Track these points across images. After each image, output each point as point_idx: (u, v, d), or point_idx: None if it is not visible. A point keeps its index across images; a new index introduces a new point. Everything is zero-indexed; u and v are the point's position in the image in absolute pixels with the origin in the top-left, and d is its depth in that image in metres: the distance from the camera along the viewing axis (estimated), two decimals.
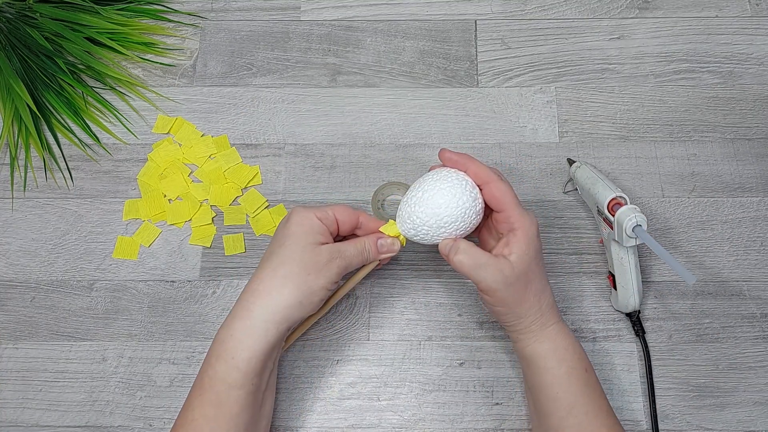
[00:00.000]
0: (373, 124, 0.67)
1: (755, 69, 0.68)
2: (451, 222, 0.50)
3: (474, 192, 0.50)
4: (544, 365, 0.50)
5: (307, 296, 0.49)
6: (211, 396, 0.47)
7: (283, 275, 0.48)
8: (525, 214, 0.50)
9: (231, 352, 0.47)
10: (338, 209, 0.52)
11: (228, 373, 0.47)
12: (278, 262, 0.49)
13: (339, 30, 0.71)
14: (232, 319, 0.48)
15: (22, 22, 0.68)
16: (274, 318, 0.48)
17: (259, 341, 0.47)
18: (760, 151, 0.65)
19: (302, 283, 0.48)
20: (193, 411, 0.47)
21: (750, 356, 0.58)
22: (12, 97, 0.65)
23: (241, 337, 0.47)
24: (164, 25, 0.72)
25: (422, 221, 0.50)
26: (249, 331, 0.48)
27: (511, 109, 0.67)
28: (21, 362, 0.58)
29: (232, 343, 0.47)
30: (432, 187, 0.50)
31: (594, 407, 0.49)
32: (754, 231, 0.62)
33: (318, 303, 0.50)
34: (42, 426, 0.57)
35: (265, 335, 0.48)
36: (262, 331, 0.48)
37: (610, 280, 0.58)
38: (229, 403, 0.47)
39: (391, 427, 0.56)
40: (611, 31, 0.71)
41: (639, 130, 0.66)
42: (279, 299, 0.48)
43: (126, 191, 0.64)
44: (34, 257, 0.62)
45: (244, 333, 0.47)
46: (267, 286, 0.48)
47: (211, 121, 0.67)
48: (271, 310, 0.48)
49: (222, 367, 0.47)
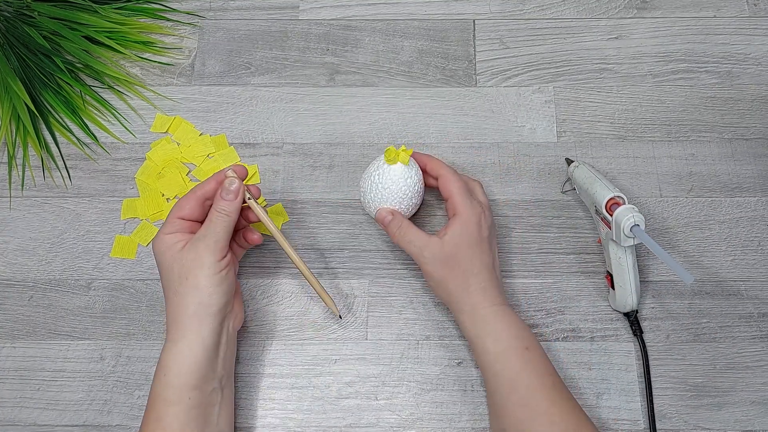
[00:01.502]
0: (372, 123, 0.67)
1: (753, 69, 0.69)
2: (397, 193, 0.56)
3: (419, 175, 0.57)
4: (481, 346, 0.52)
5: (194, 292, 0.50)
6: (152, 413, 0.48)
7: (171, 291, 0.51)
8: (469, 204, 0.55)
9: (164, 369, 0.49)
10: (176, 211, 0.53)
11: (163, 389, 0.49)
12: (164, 284, 0.52)
13: (337, 29, 0.71)
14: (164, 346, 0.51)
15: (20, 21, 0.68)
16: (183, 330, 0.50)
17: (189, 354, 0.49)
18: (757, 151, 0.65)
19: (186, 285, 0.50)
20: (141, 428, 0.49)
21: (747, 356, 0.58)
22: (10, 96, 0.65)
23: (169, 353, 0.49)
24: (162, 24, 0.72)
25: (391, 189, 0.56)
26: (176, 346, 0.49)
27: (510, 109, 0.67)
28: (19, 361, 0.58)
29: (163, 358, 0.50)
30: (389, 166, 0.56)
31: (537, 383, 0.50)
32: (752, 231, 0.62)
33: (225, 278, 0.51)
34: (40, 425, 0.56)
35: (192, 348, 0.49)
36: (189, 346, 0.49)
37: (608, 279, 0.58)
38: (168, 420, 0.48)
39: (389, 426, 0.56)
40: (609, 31, 0.71)
41: (637, 129, 0.66)
42: (180, 308, 0.50)
43: (124, 190, 0.64)
44: (32, 256, 0.62)
45: (172, 347, 0.50)
46: (169, 306, 0.51)
47: (210, 120, 0.67)
48: (172, 321, 0.50)
49: (157, 383, 0.49)
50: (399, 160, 0.56)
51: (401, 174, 0.56)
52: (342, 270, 0.61)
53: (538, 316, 0.59)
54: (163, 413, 0.48)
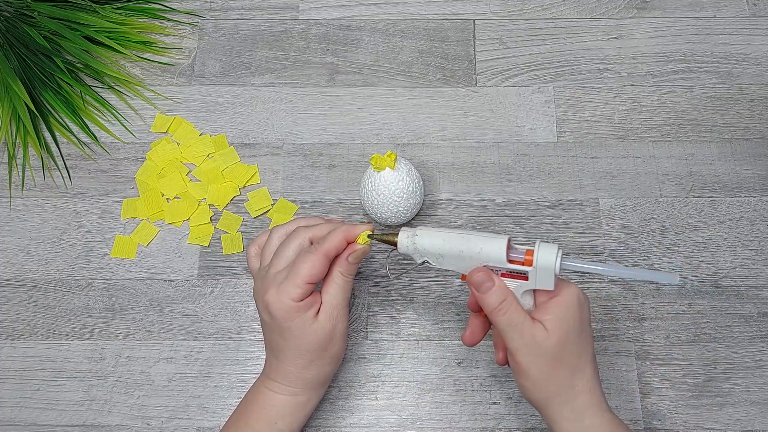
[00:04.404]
0: (372, 123, 0.67)
1: (753, 69, 0.69)
2: (390, 197, 0.56)
3: (412, 175, 0.57)
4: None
5: (336, 360, 0.50)
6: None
7: (305, 363, 0.48)
8: (566, 281, 0.47)
9: (279, 417, 0.49)
10: (306, 274, 0.46)
11: None
12: (294, 354, 0.48)
13: (337, 29, 0.71)
14: (275, 391, 0.49)
15: (21, 21, 0.68)
16: (314, 393, 0.50)
17: (303, 411, 0.50)
18: (757, 151, 0.65)
19: (327, 356, 0.49)
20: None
21: (747, 356, 0.58)
22: (10, 96, 0.65)
23: (286, 408, 0.49)
24: (163, 24, 0.72)
25: (380, 203, 0.57)
26: (293, 402, 0.49)
27: (510, 109, 0.67)
28: (19, 361, 0.58)
29: (275, 411, 0.49)
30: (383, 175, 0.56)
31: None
32: (752, 231, 0.62)
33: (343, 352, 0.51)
34: (40, 425, 0.56)
35: (306, 405, 0.50)
36: (303, 404, 0.50)
37: None
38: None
39: (389, 426, 0.56)
40: (609, 31, 0.71)
41: (637, 129, 0.66)
42: (316, 379, 0.50)
43: (124, 190, 0.64)
44: (32, 256, 0.62)
45: (289, 404, 0.49)
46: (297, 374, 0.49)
47: (210, 120, 0.67)
48: (309, 387, 0.50)
49: (263, 426, 0.49)
50: (386, 165, 0.56)
51: (392, 179, 0.56)
52: None
53: None
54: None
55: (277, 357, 0.49)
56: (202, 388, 0.57)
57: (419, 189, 0.58)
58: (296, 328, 0.47)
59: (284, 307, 0.46)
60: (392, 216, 0.58)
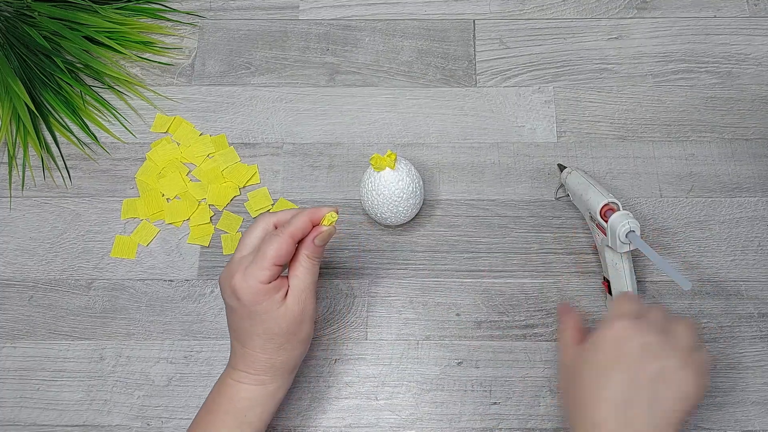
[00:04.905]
0: (371, 123, 0.67)
1: (753, 69, 0.69)
2: (390, 197, 0.56)
3: (412, 175, 0.57)
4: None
5: (305, 342, 0.50)
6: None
7: (275, 347, 0.48)
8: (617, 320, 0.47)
9: (245, 409, 0.48)
10: (273, 255, 0.46)
11: (238, 425, 0.48)
12: (262, 340, 0.48)
13: (337, 29, 0.71)
14: (243, 381, 0.49)
15: (21, 21, 0.68)
16: (284, 379, 0.50)
17: (273, 399, 0.50)
18: (757, 151, 0.65)
19: (296, 340, 0.49)
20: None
21: (748, 356, 0.58)
22: (10, 96, 0.65)
23: (255, 398, 0.49)
24: (163, 24, 0.72)
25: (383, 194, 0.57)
26: (263, 392, 0.49)
27: (510, 109, 0.67)
28: (19, 361, 0.58)
29: (245, 402, 0.49)
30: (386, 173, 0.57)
31: None
32: (752, 231, 0.62)
33: (311, 336, 0.51)
34: (40, 425, 0.56)
35: (276, 392, 0.50)
36: (273, 391, 0.49)
37: (605, 285, 0.58)
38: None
39: (389, 426, 0.56)
40: (609, 31, 0.71)
41: (637, 130, 0.66)
42: (286, 363, 0.49)
43: (124, 190, 0.64)
44: (32, 256, 0.62)
45: (259, 394, 0.49)
46: (267, 360, 0.48)
47: (210, 120, 0.67)
48: (279, 373, 0.49)
49: (231, 418, 0.48)
50: (386, 165, 0.56)
51: (392, 179, 0.56)
52: (342, 270, 0.61)
53: (538, 316, 0.59)
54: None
55: (245, 344, 0.48)
56: (202, 388, 0.57)
57: (419, 189, 0.58)
58: (264, 312, 0.47)
59: (252, 290, 0.46)
60: (392, 216, 0.58)
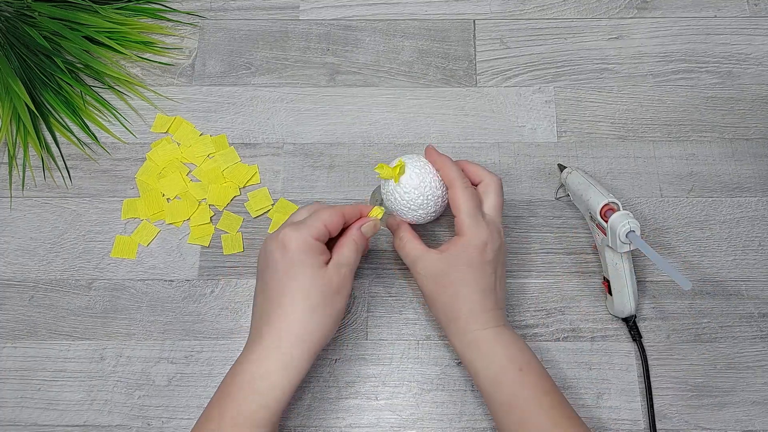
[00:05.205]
0: (372, 123, 0.67)
1: (754, 69, 0.68)
2: (406, 204, 0.54)
3: (426, 183, 0.53)
4: (473, 369, 0.50)
5: (336, 321, 0.49)
6: None
7: (309, 309, 0.47)
8: (474, 225, 0.51)
9: (264, 391, 0.46)
10: (326, 219, 0.50)
11: (257, 408, 0.46)
12: (298, 297, 0.47)
13: (338, 29, 0.71)
14: (265, 359, 0.47)
15: (21, 21, 0.68)
16: (309, 356, 0.48)
17: (295, 379, 0.47)
18: (758, 151, 0.65)
19: (330, 310, 0.48)
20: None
21: (748, 356, 0.58)
22: (10, 96, 0.65)
23: (277, 380, 0.46)
24: (163, 24, 0.72)
25: (397, 201, 0.54)
26: (286, 372, 0.47)
27: (510, 109, 0.67)
28: (19, 361, 0.59)
29: (266, 383, 0.46)
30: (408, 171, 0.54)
31: (534, 404, 0.48)
32: (753, 231, 0.62)
33: (342, 315, 0.50)
34: (40, 425, 0.57)
35: (299, 373, 0.48)
36: (297, 371, 0.47)
37: (605, 285, 0.58)
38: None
39: (390, 426, 0.56)
40: (610, 31, 0.71)
41: (637, 129, 0.66)
42: (315, 335, 0.48)
43: (124, 190, 0.64)
44: (33, 256, 0.62)
45: (282, 375, 0.47)
46: (297, 324, 0.47)
47: (210, 120, 0.67)
48: (306, 347, 0.47)
49: (252, 406, 0.46)
50: (391, 176, 0.53)
51: (404, 187, 0.53)
52: None
53: (538, 316, 0.59)
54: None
55: (280, 304, 0.47)
56: (203, 388, 0.57)
57: (436, 197, 0.54)
58: (308, 266, 0.48)
59: (301, 240, 0.48)
60: (418, 218, 0.55)
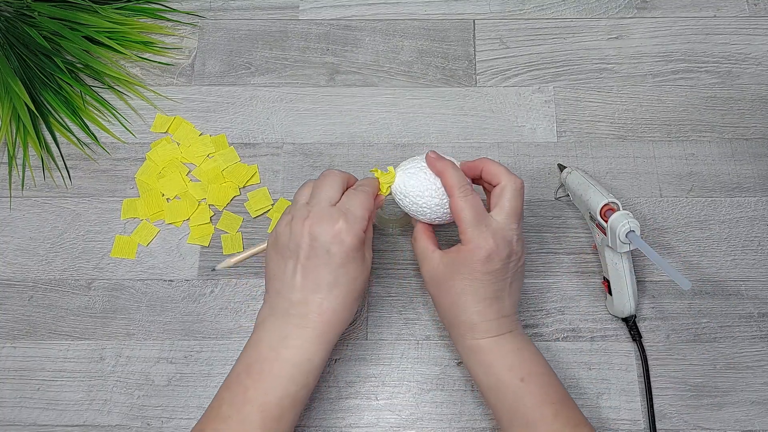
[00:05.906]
0: (372, 123, 0.67)
1: (753, 69, 0.69)
2: (412, 210, 0.53)
3: (432, 190, 0.52)
4: (474, 376, 0.50)
5: (359, 300, 0.51)
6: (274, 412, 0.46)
7: (353, 300, 0.49)
8: (479, 236, 0.48)
9: (307, 373, 0.47)
10: (368, 206, 0.50)
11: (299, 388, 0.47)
12: (347, 289, 0.49)
13: (337, 29, 0.71)
14: (310, 345, 0.48)
15: (21, 21, 0.68)
16: (331, 349, 0.49)
17: (318, 372, 0.49)
18: (757, 151, 0.65)
19: (361, 297, 0.51)
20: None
21: (747, 356, 0.58)
22: (10, 96, 0.65)
23: (318, 364, 0.48)
24: (163, 24, 0.72)
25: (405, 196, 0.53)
26: (326, 356, 0.49)
27: (510, 109, 0.67)
28: (19, 361, 0.58)
29: (309, 366, 0.48)
30: (415, 173, 0.52)
31: (537, 414, 0.47)
32: (752, 231, 0.62)
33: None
34: (40, 425, 0.57)
35: (323, 363, 0.49)
36: (329, 355, 0.49)
37: (605, 285, 0.58)
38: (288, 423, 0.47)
39: (389, 426, 0.56)
40: (609, 30, 0.71)
41: (637, 129, 0.66)
42: (348, 323, 0.50)
43: (124, 190, 0.64)
44: (32, 256, 0.62)
45: (322, 360, 0.48)
46: (342, 312, 0.49)
47: (210, 120, 0.67)
48: (339, 332, 0.49)
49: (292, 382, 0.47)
50: (383, 184, 0.53)
51: (397, 194, 0.53)
52: None
53: (538, 316, 0.59)
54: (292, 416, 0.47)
55: (329, 294, 0.48)
56: (203, 388, 0.57)
57: (428, 203, 0.52)
58: (359, 260, 0.49)
59: (356, 237, 0.48)
60: (426, 221, 0.54)
